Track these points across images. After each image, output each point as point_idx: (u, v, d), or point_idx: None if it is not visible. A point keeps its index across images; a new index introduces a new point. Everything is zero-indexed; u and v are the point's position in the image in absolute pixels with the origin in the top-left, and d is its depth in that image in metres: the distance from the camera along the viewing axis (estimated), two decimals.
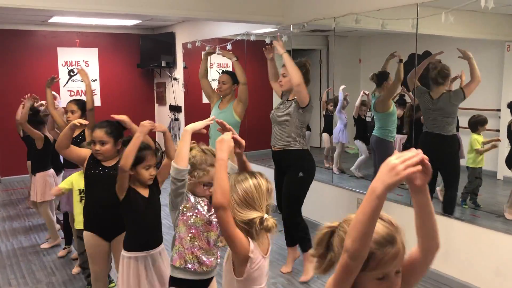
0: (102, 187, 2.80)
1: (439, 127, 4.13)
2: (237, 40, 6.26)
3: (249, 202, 1.71)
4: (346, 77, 6.70)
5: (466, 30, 4.48)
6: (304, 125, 3.88)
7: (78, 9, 4.24)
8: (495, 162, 4.93)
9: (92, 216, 2.92)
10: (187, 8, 4.73)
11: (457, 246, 3.74)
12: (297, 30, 5.18)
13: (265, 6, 5.19)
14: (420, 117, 4.45)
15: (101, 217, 2.88)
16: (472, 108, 4.97)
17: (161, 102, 8.62)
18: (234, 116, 4.31)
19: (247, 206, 1.71)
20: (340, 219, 1.32)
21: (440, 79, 4.11)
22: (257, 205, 1.72)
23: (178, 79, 7.94)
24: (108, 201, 2.67)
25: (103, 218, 2.88)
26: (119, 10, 4.38)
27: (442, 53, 4.37)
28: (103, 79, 8.28)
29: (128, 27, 8.11)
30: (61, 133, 2.97)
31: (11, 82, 7.55)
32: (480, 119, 4.57)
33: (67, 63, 7.98)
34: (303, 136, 3.88)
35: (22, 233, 5.13)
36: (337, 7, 4.60)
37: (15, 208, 6.15)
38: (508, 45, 4.97)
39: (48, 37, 7.78)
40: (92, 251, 2.92)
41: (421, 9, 3.81)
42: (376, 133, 5.13)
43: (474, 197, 4.59)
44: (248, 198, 1.71)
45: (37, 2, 4.02)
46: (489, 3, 3.20)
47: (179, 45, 7.82)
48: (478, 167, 4.55)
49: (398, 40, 5.90)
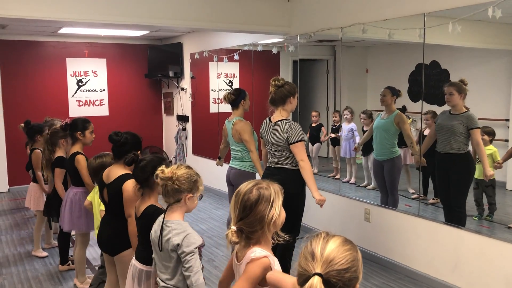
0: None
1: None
2: (244, 50, 6.29)
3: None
4: (353, 87, 6.70)
5: (474, 39, 4.47)
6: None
7: (87, 20, 4.29)
8: (504, 173, 4.88)
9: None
10: (194, 19, 4.77)
11: (465, 257, 3.69)
12: (304, 40, 5.19)
13: (272, 17, 5.22)
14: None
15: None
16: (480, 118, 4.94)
17: (169, 112, 8.66)
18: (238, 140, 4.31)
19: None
20: (347, 229, 1.34)
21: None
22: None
23: (186, 89, 7.99)
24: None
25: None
26: (126, 20, 4.42)
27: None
28: (111, 89, 8.35)
29: (136, 37, 8.19)
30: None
31: (21, 92, 7.64)
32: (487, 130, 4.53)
33: (75, 73, 8.05)
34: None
35: (29, 242, 5.15)
36: (344, 17, 4.61)
37: (23, 217, 6.17)
38: None
39: (57, 48, 7.87)
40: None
41: (428, 19, 3.81)
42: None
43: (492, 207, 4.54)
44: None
45: (47, 13, 4.08)
46: (496, 12, 3.19)
47: (186, 56, 7.87)
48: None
49: (405, 50, 5.90)
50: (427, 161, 4.87)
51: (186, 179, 2.20)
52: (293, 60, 6.69)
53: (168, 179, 2.17)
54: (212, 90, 7.52)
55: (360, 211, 4.63)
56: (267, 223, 1.71)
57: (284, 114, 3.61)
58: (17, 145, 7.30)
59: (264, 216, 1.70)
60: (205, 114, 7.71)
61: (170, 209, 2.23)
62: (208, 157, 7.45)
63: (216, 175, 4.82)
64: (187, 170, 2.23)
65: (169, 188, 2.19)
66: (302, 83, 6.21)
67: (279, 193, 1.76)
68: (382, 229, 4.42)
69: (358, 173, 6.33)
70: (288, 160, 3.58)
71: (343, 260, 1.23)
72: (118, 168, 2.92)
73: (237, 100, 4.22)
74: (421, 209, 4.32)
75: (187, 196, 2.21)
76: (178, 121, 8.31)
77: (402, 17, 4.04)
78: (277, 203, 1.73)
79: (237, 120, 4.22)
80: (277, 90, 3.57)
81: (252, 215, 1.71)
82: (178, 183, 2.18)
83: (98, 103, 8.26)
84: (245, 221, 1.71)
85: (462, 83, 4.11)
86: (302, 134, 3.53)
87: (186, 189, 2.20)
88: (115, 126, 7.89)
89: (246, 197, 1.73)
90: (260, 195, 1.72)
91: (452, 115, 4.10)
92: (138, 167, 2.60)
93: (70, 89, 8.01)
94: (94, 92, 8.22)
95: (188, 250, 2.11)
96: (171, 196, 2.21)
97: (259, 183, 1.78)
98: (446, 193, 4.24)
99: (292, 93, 3.59)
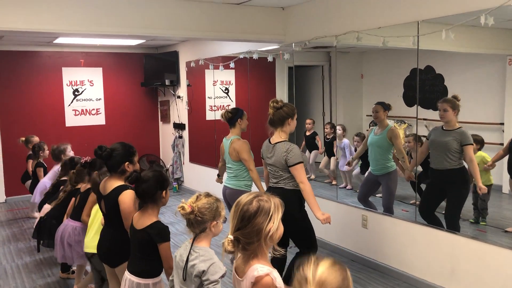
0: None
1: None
2: (239, 58, 6.31)
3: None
4: (349, 92, 6.73)
5: (467, 45, 4.50)
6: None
7: (82, 31, 4.31)
8: (500, 176, 4.90)
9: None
10: (190, 29, 4.80)
11: (462, 262, 3.71)
12: (299, 48, 5.22)
13: (266, 26, 5.25)
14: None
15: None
16: (475, 122, 4.97)
17: (165, 120, 8.68)
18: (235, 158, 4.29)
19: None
20: (344, 235, 1.46)
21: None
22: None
23: (182, 97, 8.01)
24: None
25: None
26: (122, 31, 4.45)
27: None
28: (107, 98, 8.36)
29: (132, 46, 8.21)
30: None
31: (17, 102, 7.64)
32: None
33: (72, 82, 8.06)
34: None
35: (27, 253, 5.14)
36: (338, 25, 4.64)
37: (20, 228, 6.16)
38: (509, 58, 4.99)
39: (53, 58, 7.88)
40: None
41: (422, 26, 3.84)
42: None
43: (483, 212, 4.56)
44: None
45: (43, 25, 4.10)
46: (488, 20, 3.22)
47: (182, 64, 7.90)
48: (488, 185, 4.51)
49: (400, 55, 5.94)
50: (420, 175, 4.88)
51: (207, 209, 2.20)
52: (288, 67, 6.72)
53: (189, 214, 2.18)
54: (208, 98, 7.54)
55: (357, 217, 4.65)
56: (264, 236, 1.72)
57: (283, 136, 3.63)
58: (13, 155, 7.31)
59: (262, 229, 1.72)
60: (201, 122, 7.73)
61: (197, 238, 2.24)
62: (205, 164, 7.46)
63: (214, 184, 4.83)
64: (206, 199, 2.23)
65: (193, 221, 2.20)
66: (297, 89, 6.24)
67: (279, 207, 1.78)
68: (379, 235, 4.44)
69: (354, 180, 6.35)
70: (285, 180, 3.61)
71: (334, 280, 1.35)
72: (113, 180, 2.93)
73: (234, 118, 4.24)
74: (417, 214, 4.34)
75: (212, 224, 2.23)
76: (174, 129, 8.33)
77: (396, 24, 4.07)
78: (275, 217, 1.75)
79: (235, 139, 4.24)
80: (275, 111, 3.60)
81: (250, 226, 1.72)
82: (200, 214, 2.18)
83: (95, 112, 8.26)
84: (242, 232, 1.73)
85: (455, 99, 4.13)
86: (301, 156, 3.56)
87: (209, 219, 2.21)
88: (112, 135, 8.03)
89: (245, 208, 1.75)
90: (259, 207, 1.74)
91: (445, 131, 4.12)
92: (142, 185, 2.60)
93: (66, 98, 8.02)
94: (91, 101, 8.22)
95: (212, 279, 2.13)
96: (196, 228, 2.22)
97: (260, 195, 1.80)
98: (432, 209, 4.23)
99: (290, 115, 3.62)
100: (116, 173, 2.93)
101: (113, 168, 2.94)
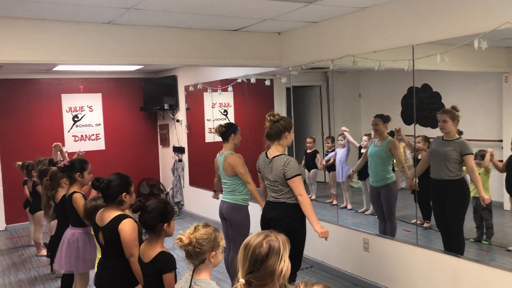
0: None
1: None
2: (237, 82, 6.35)
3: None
4: (347, 112, 6.75)
5: (463, 64, 4.54)
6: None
7: (79, 62, 4.36)
8: (501, 193, 4.89)
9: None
10: (187, 56, 4.84)
11: (465, 286, 3.67)
12: (296, 72, 5.27)
13: (263, 51, 5.31)
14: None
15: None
16: (474, 139, 4.97)
17: (165, 144, 8.69)
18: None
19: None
20: (345, 259, 1.42)
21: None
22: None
23: (181, 120, 8.03)
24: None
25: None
26: (120, 61, 4.50)
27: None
28: (107, 123, 8.39)
29: (131, 71, 8.27)
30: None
31: (17, 129, 7.67)
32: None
33: (71, 108, 8.10)
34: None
35: (27, 284, 5.09)
36: (334, 50, 4.69)
37: (20, 257, 6.12)
38: (505, 76, 5.02)
39: (52, 85, 7.93)
40: None
41: (417, 50, 3.88)
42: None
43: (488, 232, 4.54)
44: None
45: (41, 57, 4.16)
46: (482, 44, 3.25)
47: (181, 88, 7.95)
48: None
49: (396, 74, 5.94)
50: (422, 186, 4.89)
51: (205, 240, 2.19)
52: (286, 87, 6.76)
53: (188, 245, 2.17)
54: (207, 120, 7.57)
55: (359, 241, 4.62)
56: (277, 276, 1.71)
57: (280, 149, 3.63)
58: (13, 182, 7.29)
59: (275, 270, 1.71)
60: (201, 145, 7.74)
61: (197, 270, 2.22)
62: (205, 188, 7.44)
63: (214, 207, 4.82)
64: (204, 230, 2.22)
65: (191, 253, 2.18)
66: (296, 109, 6.26)
67: (286, 244, 1.77)
68: (381, 258, 4.41)
69: (355, 198, 6.33)
70: (287, 195, 3.60)
71: None
72: (111, 211, 2.93)
73: (228, 133, 4.24)
74: (419, 234, 4.32)
75: (211, 255, 2.21)
76: (174, 153, 8.33)
77: (391, 49, 4.11)
78: (285, 256, 1.74)
79: (228, 154, 4.24)
80: (272, 125, 3.60)
81: (263, 269, 1.71)
82: (199, 246, 2.17)
83: (94, 138, 8.29)
84: (254, 275, 1.71)
85: (454, 110, 4.16)
86: (299, 168, 3.56)
87: (208, 250, 2.19)
88: (112, 160, 8.04)
89: (257, 251, 1.72)
90: (270, 248, 1.73)
91: (445, 141, 4.14)
92: (144, 215, 2.61)
93: (66, 124, 8.05)
94: (90, 126, 8.25)
95: None
96: (195, 259, 2.20)
97: (268, 235, 1.78)
98: (443, 219, 4.24)
99: (287, 128, 3.62)
100: (114, 203, 2.94)
101: (110, 199, 2.95)
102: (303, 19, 4.76)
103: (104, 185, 2.92)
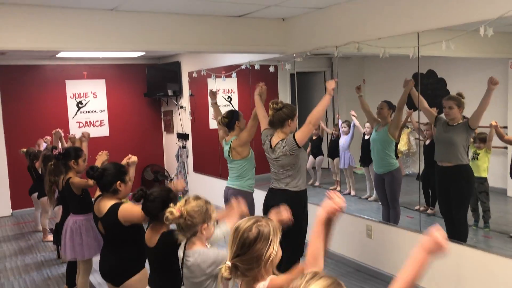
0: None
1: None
2: (241, 68, 6.33)
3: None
4: (352, 98, 6.69)
5: (468, 50, 4.50)
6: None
7: (83, 48, 4.35)
8: (504, 179, 4.88)
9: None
10: (191, 43, 4.82)
11: (468, 273, 3.70)
12: (300, 59, 5.24)
13: (267, 37, 5.27)
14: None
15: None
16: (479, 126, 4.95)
17: (169, 130, 8.70)
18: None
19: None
20: (349, 246, 1.40)
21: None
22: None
23: (185, 107, 8.03)
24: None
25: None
26: (123, 48, 4.48)
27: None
28: (111, 109, 8.40)
29: (135, 58, 8.25)
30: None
31: (22, 116, 7.70)
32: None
33: (75, 95, 8.11)
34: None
35: (34, 268, 5.17)
36: (339, 37, 4.66)
37: (27, 242, 6.20)
38: (511, 62, 4.98)
39: (57, 71, 7.93)
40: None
41: (422, 36, 3.85)
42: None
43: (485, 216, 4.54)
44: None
45: (44, 44, 4.14)
46: (488, 31, 3.22)
47: (185, 74, 7.92)
48: (480, 177, 4.44)
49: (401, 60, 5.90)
50: (428, 172, 4.89)
51: (197, 212, 2.19)
52: (290, 74, 6.73)
53: (179, 218, 2.16)
54: (211, 106, 7.54)
55: (362, 228, 4.64)
56: (264, 262, 1.72)
57: (282, 137, 3.64)
58: (19, 168, 7.34)
59: (262, 255, 1.71)
60: (205, 131, 7.74)
61: (189, 242, 2.22)
62: (209, 174, 7.47)
63: (218, 193, 4.84)
64: (195, 202, 2.21)
65: (183, 225, 2.18)
66: (300, 95, 6.24)
67: (277, 231, 1.77)
68: (384, 245, 4.43)
69: (358, 184, 6.34)
70: (289, 183, 3.61)
71: None
72: (107, 200, 2.96)
73: (232, 122, 4.24)
74: (423, 221, 4.33)
75: (202, 227, 2.20)
76: (178, 139, 8.35)
77: (396, 35, 4.08)
78: (275, 242, 1.74)
79: (233, 139, 4.25)
80: (275, 113, 3.59)
81: (250, 253, 1.71)
82: (190, 218, 2.17)
83: (99, 124, 8.31)
84: (241, 258, 1.72)
85: (460, 97, 4.14)
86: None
87: (199, 222, 2.19)
88: (116, 146, 8.06)
89: (245, 235, 1.73)
90: (259, 232, 1.73)
91: (450, 126, 4.14)
92: (147, 203, 2.62)
93: (70, 111, 8.07)
94: (94, 113, 8.27)
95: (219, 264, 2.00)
96: (187, 232, 2.20)
97: (258, 220, 1.78)
98: (447, 206, 4.25)
99: (290, 116, 3.61)
100: (109, 192, 2.97)
101: (105, 188, 2.99)
102: (308, 5, 4.72)
103: (98, 174, 2.95)
